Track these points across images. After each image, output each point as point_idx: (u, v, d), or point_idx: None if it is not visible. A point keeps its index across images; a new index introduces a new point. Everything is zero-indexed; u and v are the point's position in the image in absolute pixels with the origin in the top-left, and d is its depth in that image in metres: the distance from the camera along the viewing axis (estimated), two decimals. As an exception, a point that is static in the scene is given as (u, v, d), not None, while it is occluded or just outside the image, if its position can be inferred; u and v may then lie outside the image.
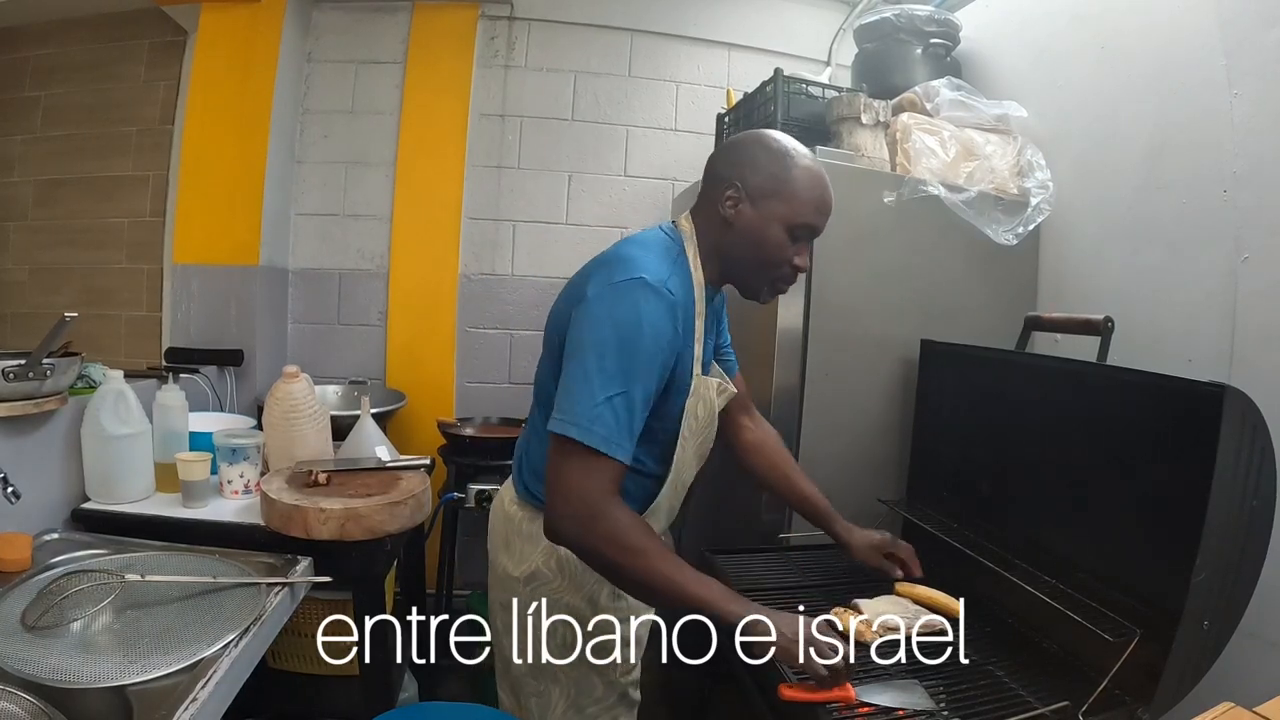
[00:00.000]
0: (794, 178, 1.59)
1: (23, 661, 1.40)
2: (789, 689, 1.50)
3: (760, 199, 1.60)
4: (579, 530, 1.44)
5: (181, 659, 1.43)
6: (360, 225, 3.69)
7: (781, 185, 1.59)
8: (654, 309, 1.47)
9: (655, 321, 1.46)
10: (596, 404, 1.41)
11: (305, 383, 2.37)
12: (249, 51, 3.39)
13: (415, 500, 2.12)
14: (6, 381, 1.86)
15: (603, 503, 1.43)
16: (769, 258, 1.61)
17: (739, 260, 1.64)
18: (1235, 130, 2.04)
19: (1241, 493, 1.49)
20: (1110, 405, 1.79)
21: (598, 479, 1.43)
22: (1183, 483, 1.48)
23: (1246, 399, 1.47)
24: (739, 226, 1.61)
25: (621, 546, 1.43)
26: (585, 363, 1.45)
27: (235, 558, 1.91)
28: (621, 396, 1.43)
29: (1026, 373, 2.11)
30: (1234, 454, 1.45)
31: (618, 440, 1.42)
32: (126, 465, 2.18)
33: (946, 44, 2.99)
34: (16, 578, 1.73)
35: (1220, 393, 1.43)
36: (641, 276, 1.49)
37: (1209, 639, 1.52)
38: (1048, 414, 1.99)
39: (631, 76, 3.80)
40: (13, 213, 3.78)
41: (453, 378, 3.68)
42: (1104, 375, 1.86)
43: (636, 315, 1.46)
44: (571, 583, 1.71)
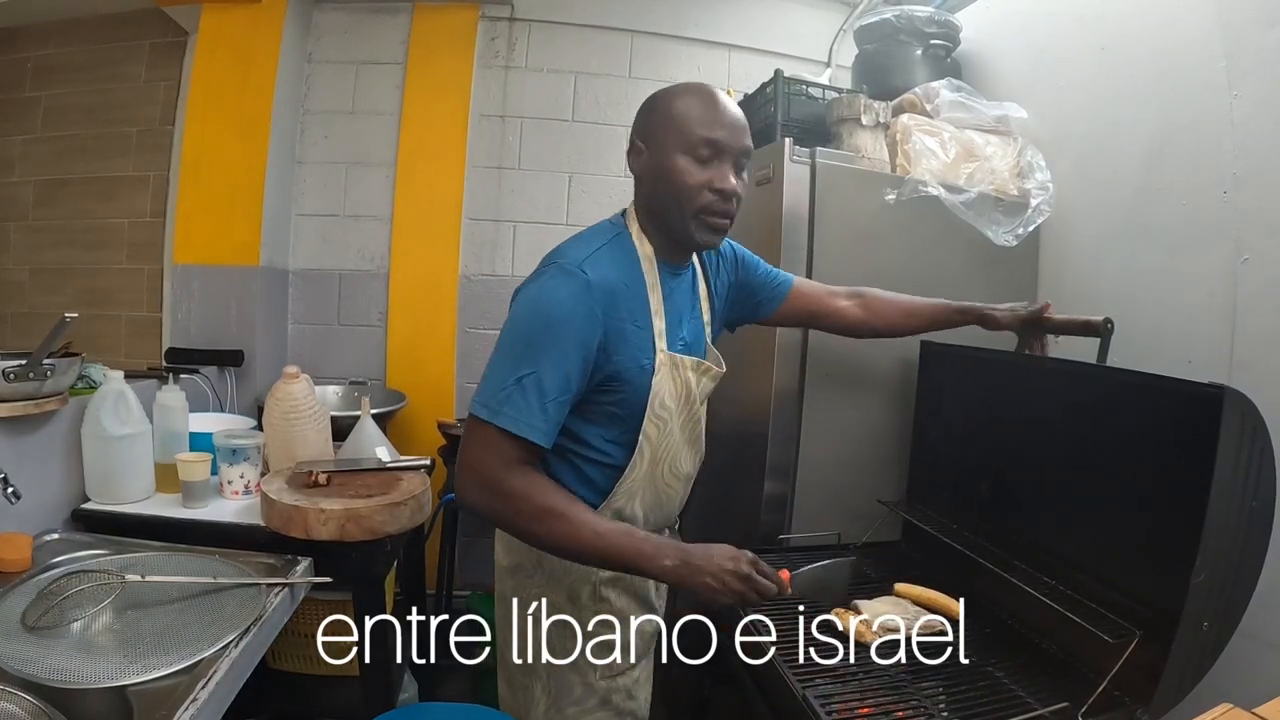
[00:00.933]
0: (675, 105, 1.57)
1: (23, 661, 1.40)
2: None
3: (653, 141, 1.58)
4: (481, 498, 1.50)
5: (181, 659, 1.44)
6: (361, 226, 3.70)
7: (666, 118, 1.57)
8: (562, 290, 1.49)
9: (562, 301, 1.48)
10: (505, 386, 1.46)
11: (305, 383, 2.37)
12: (249, 52, 3.39)
13: (415, 501, 2.12)
14: (7, 382, 1.86)
15: (502, 472, 1.47)
16: (678, 188, 1.56)
17: (659, 210, 1.62)
18: (1235, 131, 2.05)
19: (1241, 494, 1.49)
20: (1109, 406, 1.79)
21: (499, 453, 1.47)
22: (1182, 484, 1.48)
23: (1246, 400, 1.47)
24: (647, 177, 1.61)
25: (521, 511, 1.47)
26: (500, 349, 1.51)
27: (235, 558, 1.91)
28: (531, 377, 1.45)
29: (1026, 375, 2.10)
30: (1233, 455, 1.45)
31: (526, 419, 1.45)
32: (127, 466, 2.18)
33: (946, 45, 3.00)
34: (17, 578, 1.74)
35: (1220, 394, 1.43)
36: (556, 263, 1.54)
37: (1208, 640, 1.52)
38: (1047, 416, 1.99)
39: (632, 77, 3.80)
40: (13, 213, 3.78)
41: (453, 378, 3.68)
42: (1103, 376, 1.86)
43: (543, 298, 1.50)
44: (550, 577, 1.72)
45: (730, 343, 2.63)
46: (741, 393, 2.60)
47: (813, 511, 2.42)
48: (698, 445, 1.83)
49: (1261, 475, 1.52)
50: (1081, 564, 1.77)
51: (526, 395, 1.46)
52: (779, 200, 2.37)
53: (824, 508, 2.42)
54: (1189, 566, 1.43)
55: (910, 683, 1.62)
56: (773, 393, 2.42)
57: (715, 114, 1.55)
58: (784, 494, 2.41)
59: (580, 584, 1.72)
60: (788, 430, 2.43)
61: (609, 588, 1.73)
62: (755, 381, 2.48)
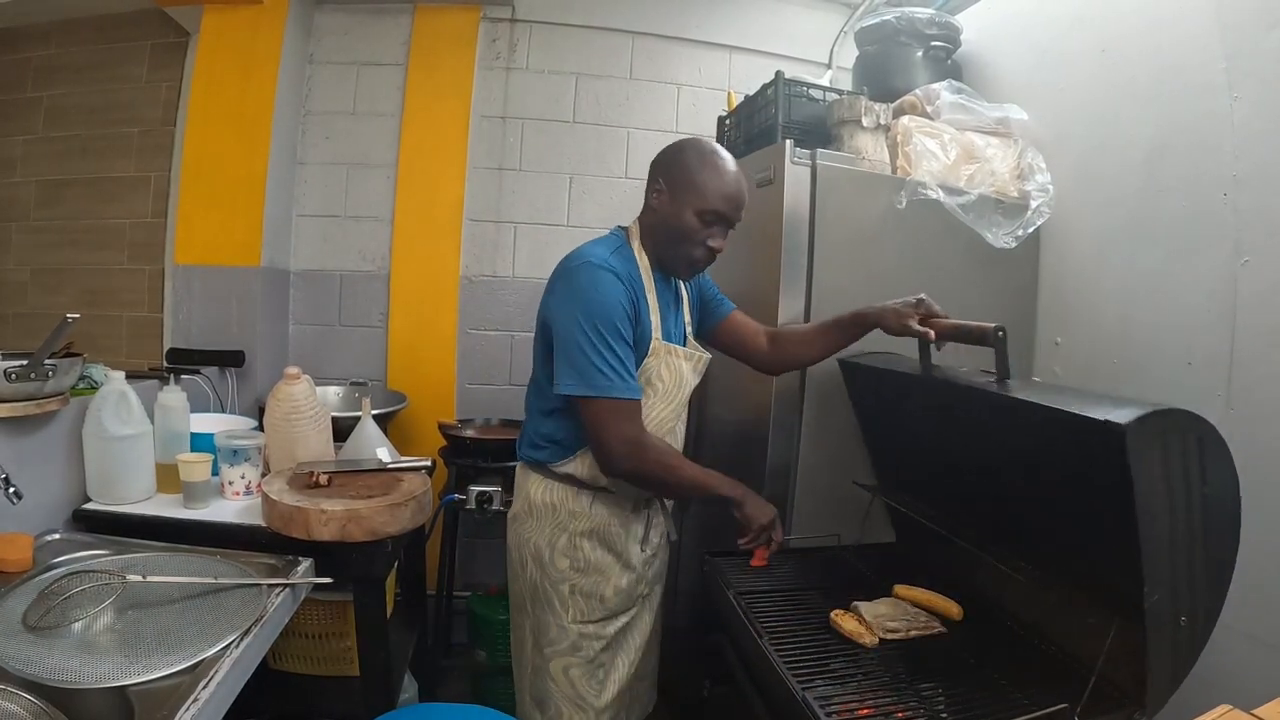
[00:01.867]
0: (705, 173, 1.96)
1: (24, 662, 1.40)
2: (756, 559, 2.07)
3: (677, 190, 1.97)
4: (634, 463, 1.89)
5: (183, 659, 1.43)
6: (362, 227, 3.70)
7: (694, 179, 1.96)
8: (602, 279, 1.88)
9: (605, 286, 1.87)
10: (593, 362, 1.83)
11: (307, 384, 2.37)
12: (251, 53, 3.39)
13: (416, 502, 2.12)
14: (9, 382, 1.86)
15: (640, 435, 1.90)
16: (682, 237, 1.98)
17: (660, 241, 2.02)
18: (1236, 133, 2.05)
19: (1185, 510, 1.44)
20: (1020, 430, 1.73)
21: (625, 418, 1.87)
22: (1108, 514, 1.46)
23: (1177, 416, 1.39)
24: (660, 213, 2.00)
25: (664, 465, 1.92)
26: (572, 334, 1.86)
27: (236, 558, 1.91)
28: (608, 349, 1.84)
29: (936, 391, 2.02)
30: (1162, 482, 1.40)
31: (622, 382, 1.85)
32: (128, 466, 2.18)
33: (947, 47, 3.01)
34: (18, 578, 1.73)
35: (1121, 434, 1.31)
36: (588, 260, 1.92)
37: (1188, 633, 1.49)
38: (962, 432, 1.97)
39: (633, 79, 3.81)
40: (15, 213, 3.78)
41: (453, 379, 3.68)
42: (999, 404, 1.73)
43: (592, 286, 1.88)
44: (538, 522, 2.08)
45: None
46: (742, 395, 2.63)
47: (812, 513, 2.42)
48: (677, 428, 2.17)
49: (1209, 484, 1.47)
50: (1048, 563, 1.76)
51: (609, 363, 1.84)
52: (779, 202, 2.37)
53: (823, 509, 2.42)
54: (1139, 586, 1.40)
55: (909, 684, 1.62)
56: (773, 395, 2.42)
57: (728, 191, 1.96)
58: (784, 495, 2.41)
59: (558, 532, 2.06)
60: (788, 432, 2.43)
61: (584, 539, 2.06)
62: (756, 384, 2.49)
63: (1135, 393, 2.28)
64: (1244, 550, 1.90)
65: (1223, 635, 1.85)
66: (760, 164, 2.51)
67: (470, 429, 3.36)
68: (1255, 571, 1.88)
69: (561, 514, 2.05)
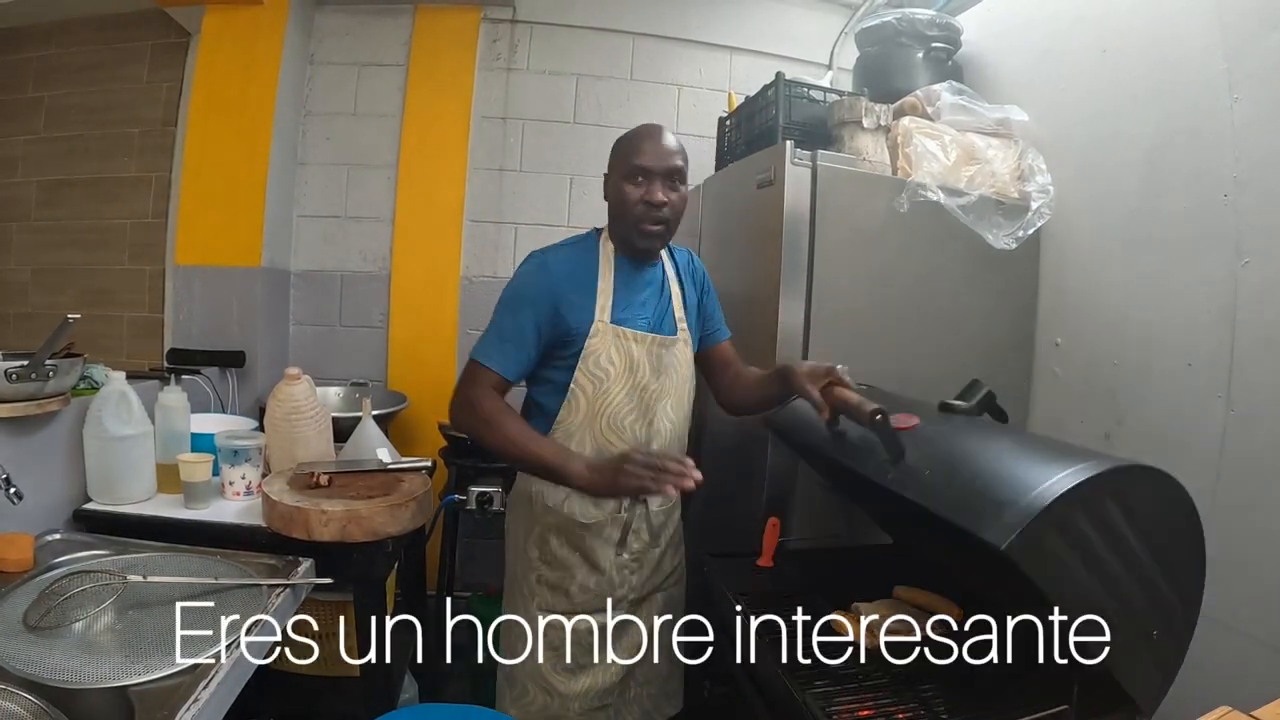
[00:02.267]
0: (620, 143, 2.09)
1: (25, 661, 1.41)
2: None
3: (611, 170, 2.09)
4: (462, 413, 1.99)
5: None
6: (362, 227, 3.72)
7: (619, 150, 2.08)
8: (526, 265, 2.06)
9: (525, 271, 2.05)
10: (487, 335, 2.01)
11: (307, 384, 2.38)
12: (252, 54, 3.41)
13: (417, 502, 2.14)
14: (9, 382, 1.87)
15: (476, 392, 1.97)
16: (620, 206, 2.03)
17: (614, 222, 2.09)
18: (1236, 134, 2.05)
19: (1126, 569, 1.37)
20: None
21: (477, 382, 1.97)
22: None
23: (1085, 492, 1.29)
24: (608, 198, 2.10)
25: (479, 419, 1.95)
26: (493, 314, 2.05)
27: (237, 559, 1.92)
28: (502, 321, 2.01)
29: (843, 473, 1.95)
30: (1080, 568, 1.33)
31: (498, 357, 1.97)
32: (128, 466, 2.18)
33: (948, 48, 3.01)
34: (18, 578, 1.74)
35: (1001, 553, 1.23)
36: (531, 252, 2.09)
37: (1163, 642, 1.44)
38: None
39: (633, 79, 3.83)
40: (16, 213, 3.80)
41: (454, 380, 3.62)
42: (889, 496, 1.62)
43: (518, 273, 2.06)
44: (517, 511, 2.19)
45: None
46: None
47: (812, 514, 2.43)
48: (649, 416, 2.11)
49: (1151, 525, 1.38)
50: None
51: (501, 341, 1.98)
52: (780, 203, 2.38)
53: (823, 510, 2.43)
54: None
55: (909, 685, 1.63)
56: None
57: (645, 145, 2.02)
58: (784, 496, 2.42)
59: (531, 523, 2.12)
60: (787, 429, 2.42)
61: (552, 533, 2.09)
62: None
63: (1135, 396, 2.32)
64: (1244, 550, 1.92)
65: (1223, 635, 1.86)
66: (761, 165, 2.51)
67: (470, 430, 3.35)
68: (1255, 570, 1.90)
69: (536, 506, 2.10)
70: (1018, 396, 2.67)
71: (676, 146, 2.03)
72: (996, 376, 2.53)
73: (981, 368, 2.48)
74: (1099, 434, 2.41)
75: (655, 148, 2.01)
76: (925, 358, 2.50)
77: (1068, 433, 2.52)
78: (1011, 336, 2.67)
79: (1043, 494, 1.26)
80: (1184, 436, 2.14)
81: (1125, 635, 1.37)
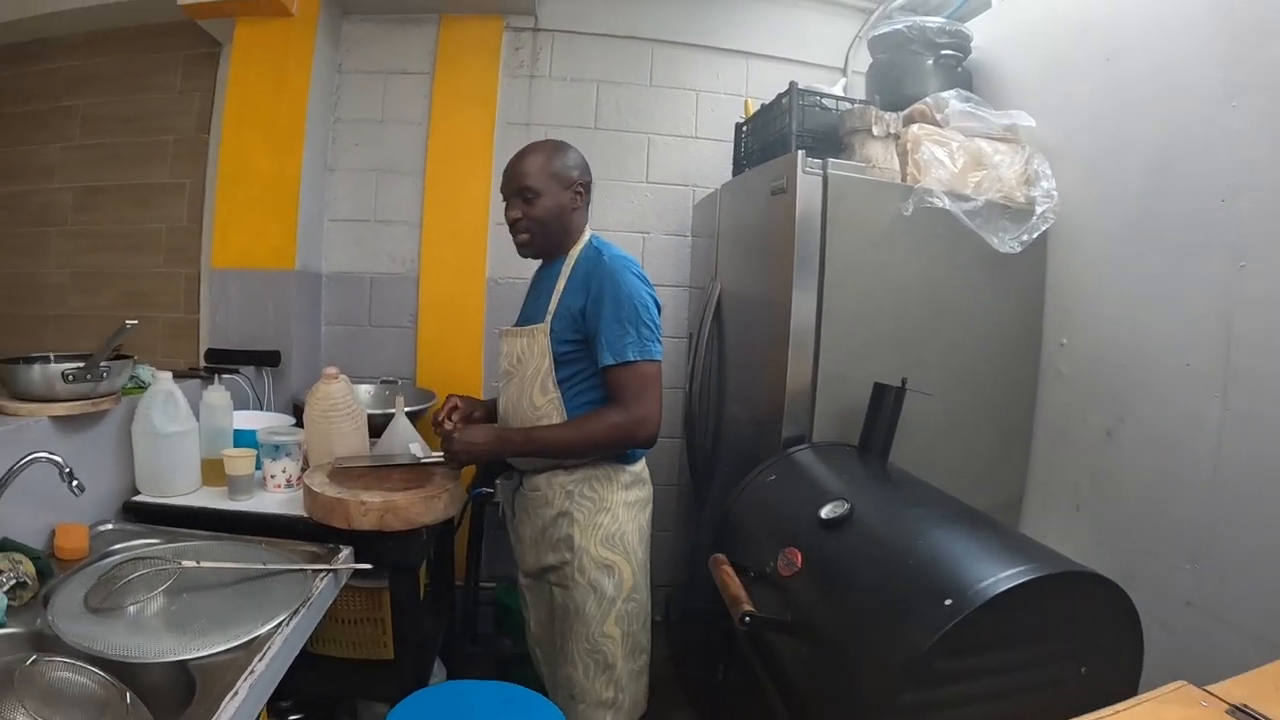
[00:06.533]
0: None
1: (90, 639, 1.49)
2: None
3: None
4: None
5: (238, 636, 1.53)
6: (391, 231, 3.78)
7: None
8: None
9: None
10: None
11: (344, 383, 2.46)
12: (283, 64, 3.46)
13: (449, 494, 2.20)
14: (66, 383, 1.98)
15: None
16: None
17: None
18: (1233, 142, 2.10)
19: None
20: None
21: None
22: None
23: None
24: None
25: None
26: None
27: (280, 546, 2.02)
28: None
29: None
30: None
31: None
32: (175, 460, 2.28)
33: (957, 55, 3.07)
34: (75, 565, 1.84)
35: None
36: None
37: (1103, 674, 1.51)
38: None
39: (652, 85, 3.87)
40: (53, 218, 3.86)
41: (481, 377, 3.73)
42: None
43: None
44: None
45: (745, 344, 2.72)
46: (757, 391, 2.71)
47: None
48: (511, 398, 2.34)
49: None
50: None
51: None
52: (792, 209, 2.45)
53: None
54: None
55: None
56: (786, 392, 2.50)
57: (505, 171, 2.32)
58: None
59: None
60: (800, 428, 2.51)
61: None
62: (770, 380, 2.58)
63: (1136, 395, 2.37)
64: (1238, 544, 1.99)
65: (1215, 627, 1.93)
66: (775, 173, 2.59)
67: (496, 426, 3.42)
68: (1247, 563, 1.97)
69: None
70: (1025, 395, 2.74)
71: (529, 167, 2.26)
72: (1004, 375, 2.65)
73: (989, 366, 2.58)
74: (1102, 431, 2.47)
75: (508, 172, 2.30)
76: (934, 357, 2.58)
77: (1071, 429, 2.59)
78: (1018, 336, 2.72)
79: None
80: (1182, 434, 2.20)
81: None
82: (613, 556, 2.22)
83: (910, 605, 1.47)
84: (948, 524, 1.77)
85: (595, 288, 2.16)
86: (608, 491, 2.23)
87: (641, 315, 2.12)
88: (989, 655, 1.40)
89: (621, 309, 2.11)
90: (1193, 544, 2.14)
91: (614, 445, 2.18)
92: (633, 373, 2.11)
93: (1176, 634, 2.08)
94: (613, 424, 2.11)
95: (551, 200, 2.25)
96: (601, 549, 2.21)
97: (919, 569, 1.56)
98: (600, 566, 2.21)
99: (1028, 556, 1.49)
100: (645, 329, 2.12)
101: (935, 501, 2.00)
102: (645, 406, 2.11)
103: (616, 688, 2.23)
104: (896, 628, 1.46)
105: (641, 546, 2.30)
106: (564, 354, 2.21)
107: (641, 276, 2.20)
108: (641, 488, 2.32)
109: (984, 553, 1.55)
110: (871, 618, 1.55)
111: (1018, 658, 1.42)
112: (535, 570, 2.35)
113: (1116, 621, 1.49)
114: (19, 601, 1.63)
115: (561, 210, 2.27)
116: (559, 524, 2.25)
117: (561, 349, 2.21)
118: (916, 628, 1.40)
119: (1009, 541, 1.64)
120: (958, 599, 1.38)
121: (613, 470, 2.24)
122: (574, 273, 2.26)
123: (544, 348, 2.23)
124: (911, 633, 1.40)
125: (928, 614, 1.40)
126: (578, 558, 2.21)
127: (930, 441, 2.53)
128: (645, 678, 2.33)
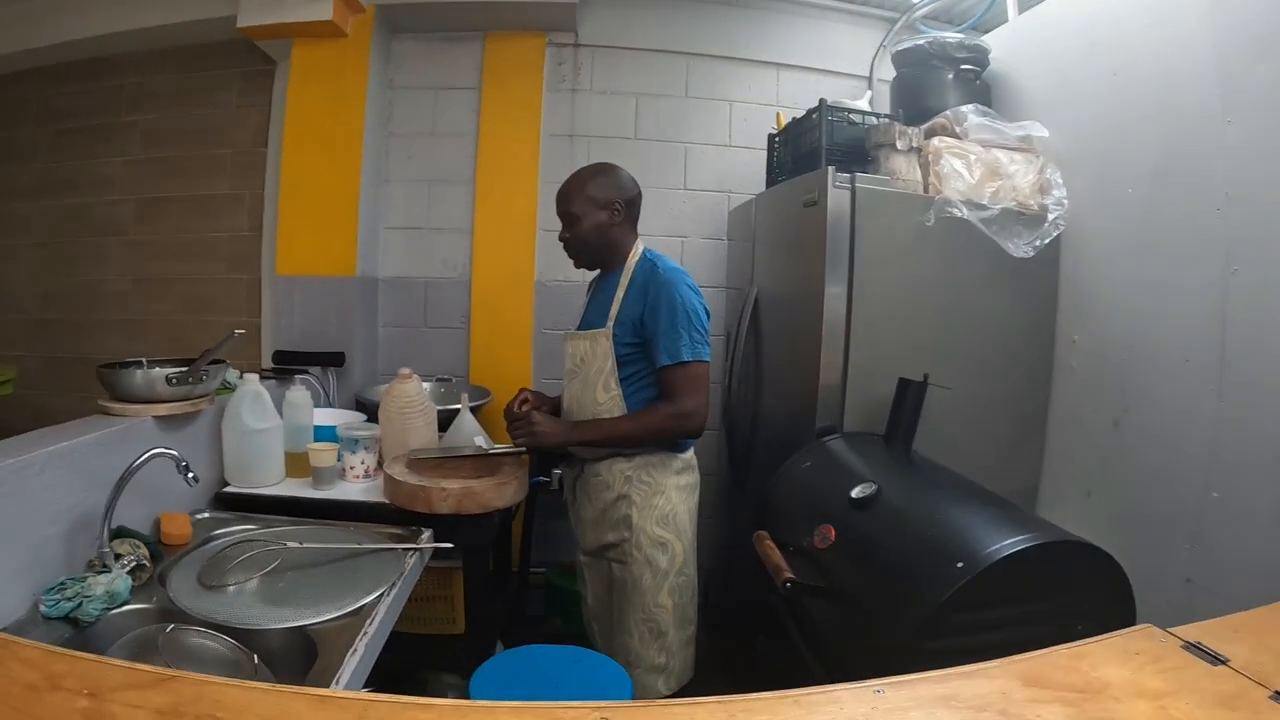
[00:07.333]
0: None
1: (213, 612, 1.68)
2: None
3: None
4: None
5: (347, 605, 1.73)
6: (443, 237, 3.95)
7: None
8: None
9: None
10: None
11: (416, 382, 2.64)
12: (339, 82, 3.61)
13: (518, 481, 2.38)
14: (169, 386, 2.18)
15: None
16: None
17: None
18: (1228, 154, 2.23)
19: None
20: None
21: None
22: None
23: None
24: None
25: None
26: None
27: (366, 529, 2.21)
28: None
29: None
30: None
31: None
32: (263, 454, 2.47)
33: (976, 69, 3.22)
34: (181, 549, 2.03)
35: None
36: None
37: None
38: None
39: (689, 97, 4.00)
40: (115, 228, 4.03)
41: (530, 374, 3.92)
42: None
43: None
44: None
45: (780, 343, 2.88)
46: (792, 385, 2.88)
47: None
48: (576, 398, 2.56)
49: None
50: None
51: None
52: (824, 220, 2.62)
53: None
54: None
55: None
56: (819, 386, 2.66)
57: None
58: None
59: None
60: (831, 419, 2.67)
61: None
62: (804, 375, 2.75)
63: (1140, 389, 2.51)
64: (1231, 525, 2.15)
65: (1210, 601, 2.08)
66: (807, 186, 2.76)
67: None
68: (1238, 542, 2.13)
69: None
70: (1039, 388, 2.89)
71: (568, 193, 2.53)
72: (1019, 370, 2.81)
73: (1005, 362, 2.73)
74: (1109, 422, 2.61)
75: (556, 198, 2.56)
76: (954, 354, 2.73)
77: (1082, 420, 2.74)
78: (1033, 334, 2.86)
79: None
80: (1182, 426, 2.34)
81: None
82: (666, 535, 2.42)
83: (928, 569, 1.69)
84: (962, 502, 2.00)
85: (653, 297, 2.37)
86: (662, 476, 2.43)
87: (694, 321, 2.34)
88: (995, 610, 1.60)
89: (676, 316, 2.32)
90: (1191, 525, 2.28)
91: (670, 435, 2.40)
92: (686, 372, 2.32)
93: (1178, 608, 2.21)
94: (668, 415, 2.34)
95: (590, 221, 2.49)
96: (656, 528, 2.41)
97: (936, 539, 1.78)
98: (655, 544, 2.41)
99: (1030, 528, 1.71)
100: (696, 333, 2.33)
101: (951, 483, 2.21)
102: (696, 400, 2.33)
103: (668, 654, 2.43)
104: (917, 587, 1.67)
105: (691, 526, 2.49)
106: (624, 355, 2.42)
107: (693, 287, 2.40)
108: (691, 473, 2.52)
109: (992, 525, 1.76)
110: (896, 580, 1.77)
111: (1021, 613, 1.61)
112: (595, 548, 2.54)
113: (1109, 585, 1.68)
114: (139, 581, 1.80)
115: (601, 228, 2.50)
116: (618, 506, 2.44)
117: (622, 351, 2.42)
118: (933, 587, 1.62)
119: (1014, 515, 1.86)
120: (968, 562, 1.61)
121: (666, 457, 2.44)
122: (631, 283, 2.46)
123: (606, 350, 2.44)
124: (929, 591, 1.62)
125: (943, 575, 1.63)
126: (635, 536, 2.41)
127: (951, 432, 2.65)
128: (692, 647, 2.51)
